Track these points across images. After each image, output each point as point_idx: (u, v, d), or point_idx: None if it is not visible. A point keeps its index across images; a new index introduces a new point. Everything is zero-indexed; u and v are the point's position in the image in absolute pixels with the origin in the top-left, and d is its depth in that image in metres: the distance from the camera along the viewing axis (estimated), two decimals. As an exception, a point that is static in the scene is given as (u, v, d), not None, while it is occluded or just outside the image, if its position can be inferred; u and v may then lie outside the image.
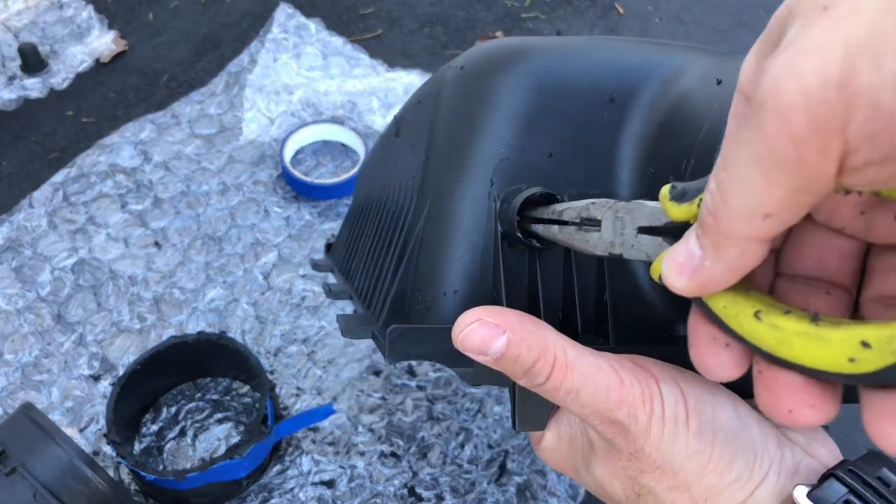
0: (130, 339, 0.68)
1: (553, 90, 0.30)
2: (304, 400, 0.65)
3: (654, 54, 0.30)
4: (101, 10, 0.98)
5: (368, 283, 0.36)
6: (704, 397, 0.27)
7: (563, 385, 0.27)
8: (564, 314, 0.30)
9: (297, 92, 0.88)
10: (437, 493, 0.60)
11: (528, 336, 0.27)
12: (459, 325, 0.27)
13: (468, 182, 0.30)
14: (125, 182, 0.80)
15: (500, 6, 1.05)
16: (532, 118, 0.30)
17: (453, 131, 0.31)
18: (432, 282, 0.30)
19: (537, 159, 0.30)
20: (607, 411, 0.27)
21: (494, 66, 0.31)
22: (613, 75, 0.30)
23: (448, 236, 0.30)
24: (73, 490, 0.47)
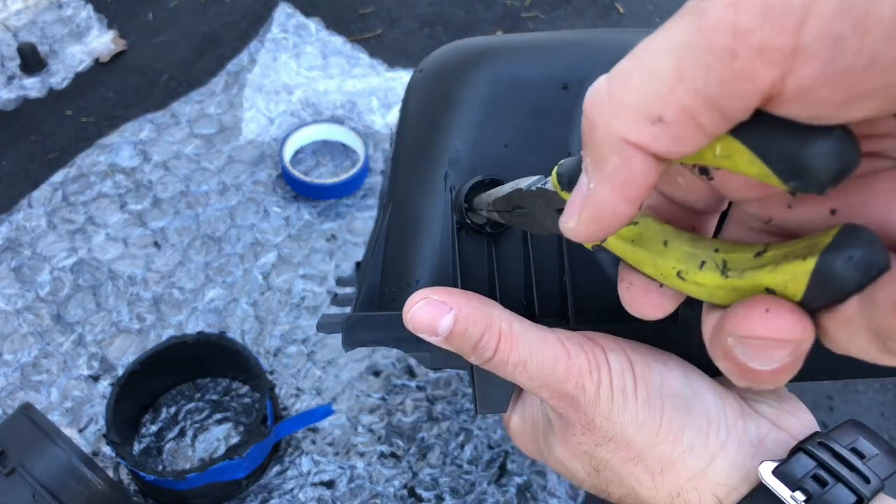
0: (130, 339, 0.68)
1: (506, 82, 0.31)
2: (304, 400, 0.65)
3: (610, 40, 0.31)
4: (100, 10, 0.98)
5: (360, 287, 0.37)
6: (653, 365, 0.27)
7: (511, 357, 0.27)
8: (526, 298, 0.31)
9: (297, 92, 0.88)
10: (437, 494, 0.60)
11: (473, 312, 0.27)
12: (408, 305, 0.28)
13: (425, 177, 0.31)
14: (124, 182, 0.80)
15: (500, 6, 1.04)
16: (486, 111, 0.30)
17: (413, 131, 0.32)
18: (398, 273, 0.31)
19: (492, 150, 0.31)
20: (556, 383, 0.27)
21: (449, 65, 0.32)
22: (566, 63, 0.31)
23: (409, 229, 0.31)
24: (73, 490, 0.47)
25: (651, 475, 0.27)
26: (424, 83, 0.33)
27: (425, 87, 0.33)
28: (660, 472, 0.27)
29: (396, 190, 0.32)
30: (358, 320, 0.29)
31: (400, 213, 0.32)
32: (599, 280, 0.30)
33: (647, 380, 0.27)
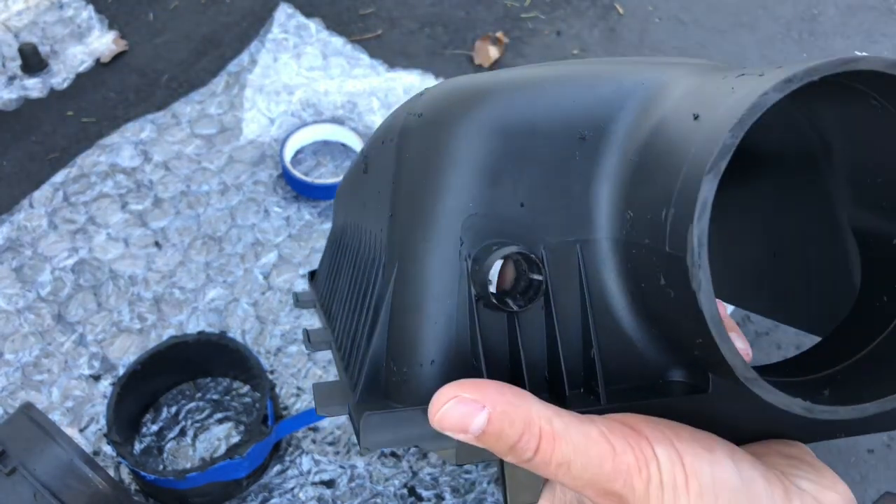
0: (131, 338, 0.68)
1: (518, 134, 0.28)
2: (304, 400, 0.65)
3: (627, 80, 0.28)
4: (101, 11, 0.98)
5: (346, 337, 0.34)
6: (702, 455, 0.26)
7: (553, 459, 0.25)
8: (551, 375, 0.29)
9: (298, 92, 0.88)
10: (437, 493, 0.60)
11: (510, 409, 0.25)
12: (435, 405, 0.25)
13: (436, 242, 0.28)
14: (125, 182, 0.80)
15: (500, 6, 1.05)
16: (498, 167, 0.28)
17: (416, 187, 0.30)
18: (407, 352, 0.28)
19: (508, 210, 0.28)
20: (602, 483, 0.25)
21: (453, 113, 0.29)
22: (582, 110, 0.28)
23: (419, 302, 0.28)
24: (74, 490, 0.47)
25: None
26: (424, 132, 0.30)
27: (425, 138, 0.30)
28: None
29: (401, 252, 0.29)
30: (376, 421, 0.27)
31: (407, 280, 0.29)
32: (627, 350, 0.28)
33: (698, 473, 0.26)
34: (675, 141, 0.25)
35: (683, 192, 0.23)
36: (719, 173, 0.21)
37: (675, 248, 0.23)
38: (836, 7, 1.07)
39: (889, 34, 1.03)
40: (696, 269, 0.22)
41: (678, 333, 0.26)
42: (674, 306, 0.24)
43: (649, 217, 0.25)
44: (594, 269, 0.28)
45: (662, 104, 0.27)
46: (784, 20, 1.05)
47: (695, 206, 0.22)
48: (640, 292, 0.27)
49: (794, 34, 1.03)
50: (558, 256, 0.28)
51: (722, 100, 0.24)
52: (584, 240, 0.28)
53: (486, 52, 0.96)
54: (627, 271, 0.27)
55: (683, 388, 0.28)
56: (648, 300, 0.27)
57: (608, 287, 0.28)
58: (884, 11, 1.07)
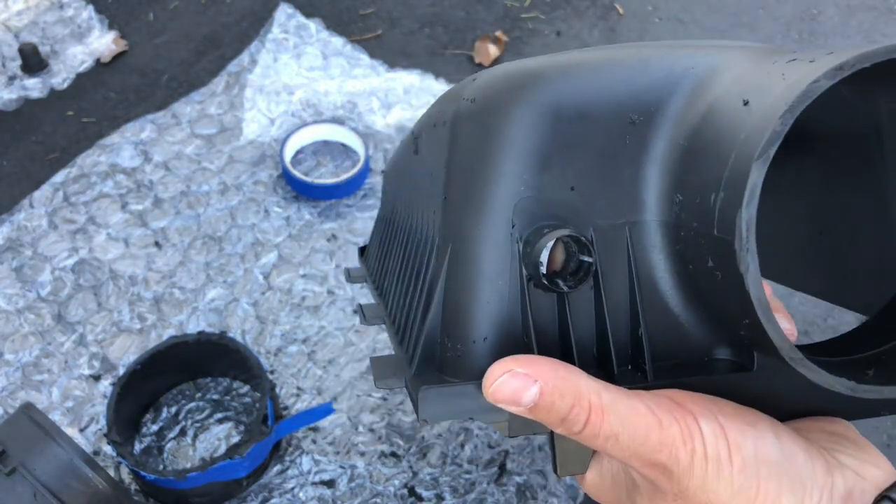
0: (131, 338, 0.68)
1: (569, 119, 0.29)
2: (305, 400, 0.65)
3: (678, 64, 0.29)
4: (101, 11, 0.98)
5: (400, 313, 0.36)
6: (745, 430, 0.27)
7: (602, 431, 0.26)
8: (599, 353, 0.29)
9: (298, 92, 0.88)
10: (437, 493, 0.60)
11: (560, 383, 0.26)
12: (489, 379, 0.27)
13: (488, 225, 0.29)
14: (125, 182, 0.80)
15: (500, 6, 1.05)
16: (550, 151, 0.29)
17: (469, 172, 0.30)
18: (461, 329, 0.29)
19: (559, 194, 0.29)
20: (648, 454, 0.26)
21: (505, 98, 0.30)
22: (633, 94, 0.29)
23: (473, 282, 0.29)
24: (74, 490, 0.47)
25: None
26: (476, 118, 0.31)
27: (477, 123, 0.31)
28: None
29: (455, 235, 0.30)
30: (433, 395, 0.28)
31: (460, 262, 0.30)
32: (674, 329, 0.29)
33: (741, 447, 0.26)
34: (725, 126, 0.25)
35: (733, 177, 0.23)
36: (768, 160, 0.22)
37: (724, 232, 0.23)
38: (836, 7, 1.07)
39: (889, 34, 1.03)
40: (744, 252, 0.22)
41: (725, 314, 0.26)
42: (721, 288, 0.25)
43: (698, 201, 0.25)
44: (642, 251, 0.28)
45: (713, 89, 0.27)
46: (784, 20, 1.05)
47: (744, 192, 0.22)
48: (688, 273, 0.27)
49: (793, 34, 1.03)
50: (607, 238, 0.29)
51: (772, 86, 0.24)
52: (633, 222, 0.28)
53: (486, 52, 0.96)
54: (675, 253, 0.28)
55: (729, 366, 0.28)
56: (696, 281, 0.27)
57: (656, 268, 0.28)
58: (884, 11, 1.07)
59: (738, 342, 0.28)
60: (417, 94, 0.90)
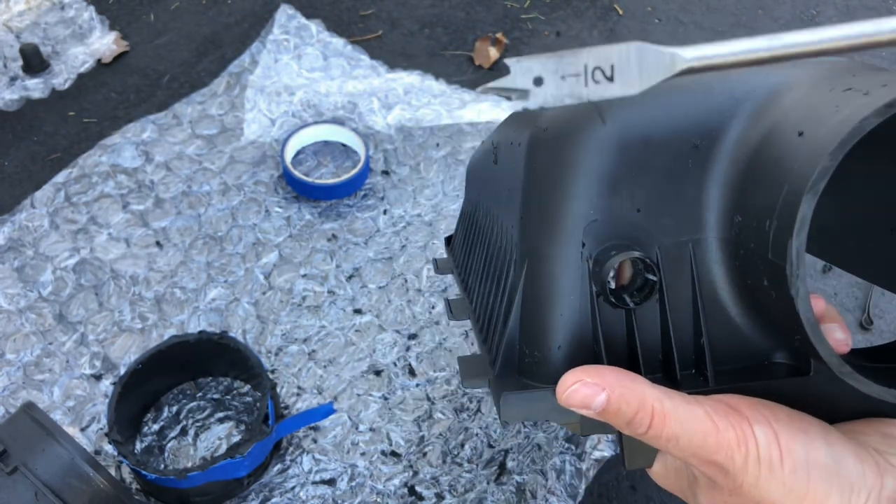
0: (132, 338, 0.68)
1: (635, 145, 0.30)
2: (305, 399, 0.65)
3: (738, 88, 0.30)
4: (102, 11, 0.99)
5: (483, 313, 0.38)
6: (797, 435, 0.29)
7: (664, 434, 0.29)
8: (664, 359, 0.32)
9: (298, 93, 0.88)
10: (438, 493, 0.60)
11: (626, 392, 0.29)
12: (562, 387, 0.29)
13: (561, 245, 0.32)
14: (127, 182, 0.80)
15: (500, 7, 1.05)
16: (617, 177, 0.31)
17: (543, 196, 0.33)
18: (538, 338, 0.32)
19: (625, 216, 0.31)
20: (706, 455, 0.29)
21: (575, 129, 0.32)
22: (695, 121, 0.30)
23: (548, 297, 0.32)
24: (75, 489, 0.47)
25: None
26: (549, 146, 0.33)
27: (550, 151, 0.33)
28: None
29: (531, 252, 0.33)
30: (514, 399, 0.31)
31: (536, 278, 0.33)
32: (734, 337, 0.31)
33: (792, 451, 0.28)
34: (780, 155, 0.27)
35: (785, 207, 0.25)
36: (818, 193, 0.23)
37: (777, 257, 0.25)
38: (836, 7, 1.08)
39: (888, 35, 1.03)
40: (794, 278, 0.24)
41: (780, 326, 0.28)
42: (776, 305, 0.26)
43: (755, 224, 0.27)
44: (704, 266, 0.30)
45: (772, 113, 0.29)
46: (783, 20, 1.05)
47: (794, 222, 0.24)
48: (746, 287, 0.29)
49: (793, 35, 1.03)
50: (671, 254, 0.31)
51: (826, 118, 0.25)
52: (696, 239, 0.30)
53: (486, 53, 0.97)
54: (735, 268, 0.29)
55: (787, 369, 0.30)
56: (753, 294, 0.29)
57: (717, 281, 0.30)
58: (883, 12, 1.07)
59: (796, 348, 0.30)
60: (417, 95, 0.90)
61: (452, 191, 0.81)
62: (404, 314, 0.71)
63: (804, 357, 0.29)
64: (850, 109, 0.24)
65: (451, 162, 0.83)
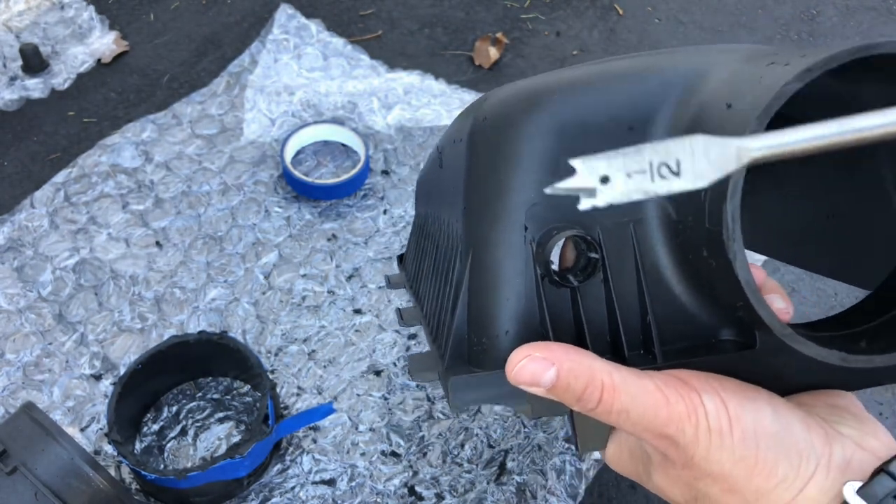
0: (131, 338, 0.68)
1: (572, 130, 0.31)
2: (305, 399, 0.65)
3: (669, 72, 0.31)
4: (102, 11, 0.99)
5: (433, 314, 0.38)
6: (745, 404, 0.29)
7: (614, 407, 0.29)
8: (612, 339, 0.32)
9: (298, 92, 0.88)
10: (438, 493, 0.60)
11: (574, 366, 0.29)
12: (511, 363, 0.30)
13: (504, 231, 0.32)
14: (126, 182, 0.80)
15: (499, 7, 1.05)
16: (556, 162, 0.31)
17: (484, 183, 0.33)
18: (485, 325, 0.32)
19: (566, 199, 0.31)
20: (657, 428, 0.29)
21: (513, 117, 0.33)
22: (630, 105, 0.31)
23: (493, 283, 0.32)
24: (75, 489, 0.47)
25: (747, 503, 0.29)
26: (488, 135, 0.34)
27: (488, 140, 0.34)
28: (755, 501, 0.29)
29: (475, 241, 0.33)
30: (461, 383, 0.31)
31: (481, 265, 0.33)
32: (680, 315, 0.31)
33: (741, 420, 0.29)
34: (711, 129, 0.27)
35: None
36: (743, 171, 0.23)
37: (714, 224, 0.25)
38: (836, 7, 1.08)
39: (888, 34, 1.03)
40: (731, 242, 0.25)
41: (723, 298, 0.28)
42: (716, 275, 0.27)
43: (691, 198, 0.27)
44: (646, 245, 0.31)
45: (702, 93, 0.29)
46: (783, 20, 1.05)
47: (727, 187, 0.24)
48: (688, 263, 0.30)
49: (792, 34, 1.03)
50: (614, 236, 0.31)
51: (751, 89, 0.26)
52: (637, 219, 0.31)
53: (486, 53, 0.97)
54: (676, 246, 0.30)
55: (733, 345, 0.31)
56: (696, 270, 0.29)
57: (660, 260, 0.31)
58: (883, 12, 1.07)
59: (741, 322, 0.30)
60: (417, 95, 0.90)
61: (452, 191, 0.81)
62: (404, 314, 0.71)
63: (749, 331, 0.30)
64: (772, 79, 0.25)
65: (451, 162, 0.83)
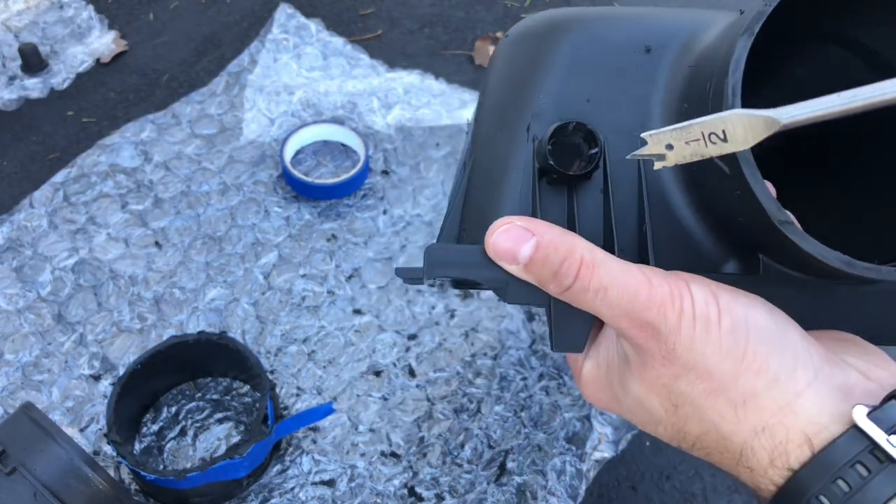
0: (131, 338, 0.68)
1: (590, 44, 0.32)
2: (305, 400, 0.65)
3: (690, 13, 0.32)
4: (101, 11, 0.98)
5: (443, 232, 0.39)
6: (738, 299, 0.27)
7: (591, 284, 0.27)
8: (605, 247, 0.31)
9: (298, 92, 0.88)
10: (437, 493, 0.60)
11: (555, 238, 0.27)
12: (490, 230, 0.28)
13: (509, 129, 0.32)
14: (125, 182, 0.80)
15: (500, 6, 1.05)
16: (570, 69, 0.32)
17: (497, 90, 0.34)
18: (480, 220, 0.32)
19: (575, 104, 0.32)
20: (637, 311, 0.27)
21: (535, 30, 0.33)
22: (649, 29, 0.32)
23: (492, 178, 0.32)
24: (74, 490, 0.47)
25: (733, 407, 0.26)
26: (510, 47, 0.35)
27: (510, 50, 0.34)
28: (742, 405, 0.26)
29: (479, 143, 0.34)
30: (439, 249, 0.30)
31: (482, 164, 0.33)
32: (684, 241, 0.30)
33: (732, 310, 0.26)
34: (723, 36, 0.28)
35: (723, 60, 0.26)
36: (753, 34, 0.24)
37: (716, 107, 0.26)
38: (836, 7, 1.07)
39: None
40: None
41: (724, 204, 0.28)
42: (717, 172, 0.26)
43: (698, 97, 0.28)
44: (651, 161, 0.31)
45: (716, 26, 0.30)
46: (784, 20, 1.05)
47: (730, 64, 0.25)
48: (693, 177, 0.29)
49: (793, 34, 1.03)
50: (618, 147, 0.31)
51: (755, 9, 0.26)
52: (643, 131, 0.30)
53: (486, 53, 0.96)
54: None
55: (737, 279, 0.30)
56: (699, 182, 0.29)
57: (664, 177, 0.31)
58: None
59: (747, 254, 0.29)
60: (417, 95, 0.90)
61: (452, 191, 0.81)
62: (404, 314, 0.71)
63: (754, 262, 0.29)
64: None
65: (451, 162, 0.83)
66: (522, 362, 0.68)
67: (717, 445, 0.28)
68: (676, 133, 0.25)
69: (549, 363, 0.68)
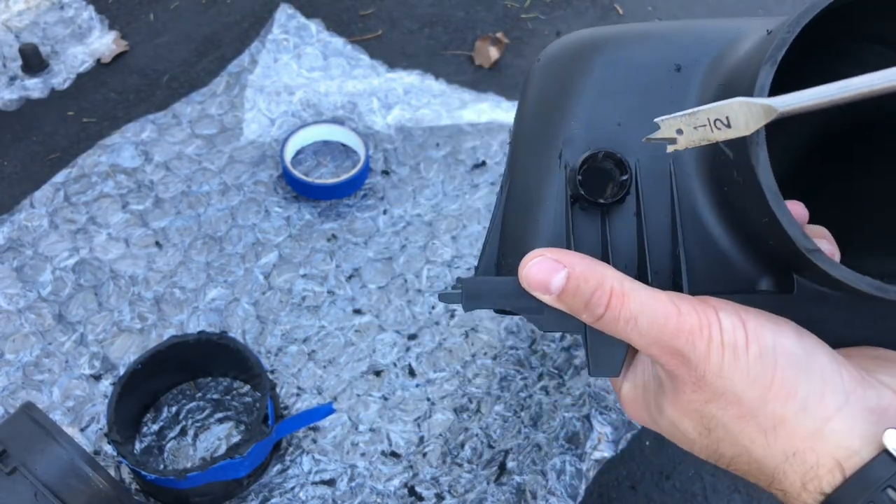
0: (131, 338, 0.68)
1: (620, 66, 0.32)
2: (305, 399, 0.65)
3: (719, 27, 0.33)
4: (101, 11, 0.99)
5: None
6: (766, 325, 0.27)
7: (622, 313, 0.28)
8: (639, 272, 0.31)
9: (298, 92, 0.88)
10: (437, 493, 0.60)
11: (586, 270, 0.28)
12: (523, 263, 0.29)
13: (542, 156, 0.33)
14: (126, 182, 0.80)
15: (500, 6, 1.05)
16: (600, 93, 0.32)
17: (531, 116, 0.34)
18: (516, 247, 0.33)
19: (606, 129, 0.32)
20: (666, 339, 0.27)
21: (565, 53, 0.34)
22: (678, 48, 0.32)
23: (527, 205, 0.33)
24: (74, 489, 0.47)
25: (763, 433, 0.27)
26: (541, 71, 0.35)
27: (542, 75, 0.35)
28: (772, 430, 0.27)
29: (514, 170, 0.34)
30: (476, 283, 0.31)
31: (517, 191, 0.34)
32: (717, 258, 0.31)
33: (760, 337, 0.27)
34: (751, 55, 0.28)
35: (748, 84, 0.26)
36: (776, 63, 0.25)
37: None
38: (836, 7, 1.07)
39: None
40: (755, 146, 0.25)
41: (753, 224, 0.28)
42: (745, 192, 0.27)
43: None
44: (682, 178, 0.31)
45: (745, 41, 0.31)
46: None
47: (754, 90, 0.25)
48: (723, 196, 0.30)
49: (793, 35, 1.03)
50: (650, 169, 0.31)
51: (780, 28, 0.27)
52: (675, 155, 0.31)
53: (487, 53, 0.96)
54: (712, 179, 0.30)
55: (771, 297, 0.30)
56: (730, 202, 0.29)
57: (696, 196, 0.31)
58: (883, 12, 1.07)
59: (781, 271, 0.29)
60: (417, 95, 0.90)
61: (452, 191, 0.81)
62: (404, 314, 0.71)
63: (788, 280, 0.29)
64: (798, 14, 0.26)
65: (451, 162, 0.83)
66: (522, 362, 0.68)
67: (750, 468, 0.28)
68: (686, 119, 0.26)
69: (548, 363, 0.68)
